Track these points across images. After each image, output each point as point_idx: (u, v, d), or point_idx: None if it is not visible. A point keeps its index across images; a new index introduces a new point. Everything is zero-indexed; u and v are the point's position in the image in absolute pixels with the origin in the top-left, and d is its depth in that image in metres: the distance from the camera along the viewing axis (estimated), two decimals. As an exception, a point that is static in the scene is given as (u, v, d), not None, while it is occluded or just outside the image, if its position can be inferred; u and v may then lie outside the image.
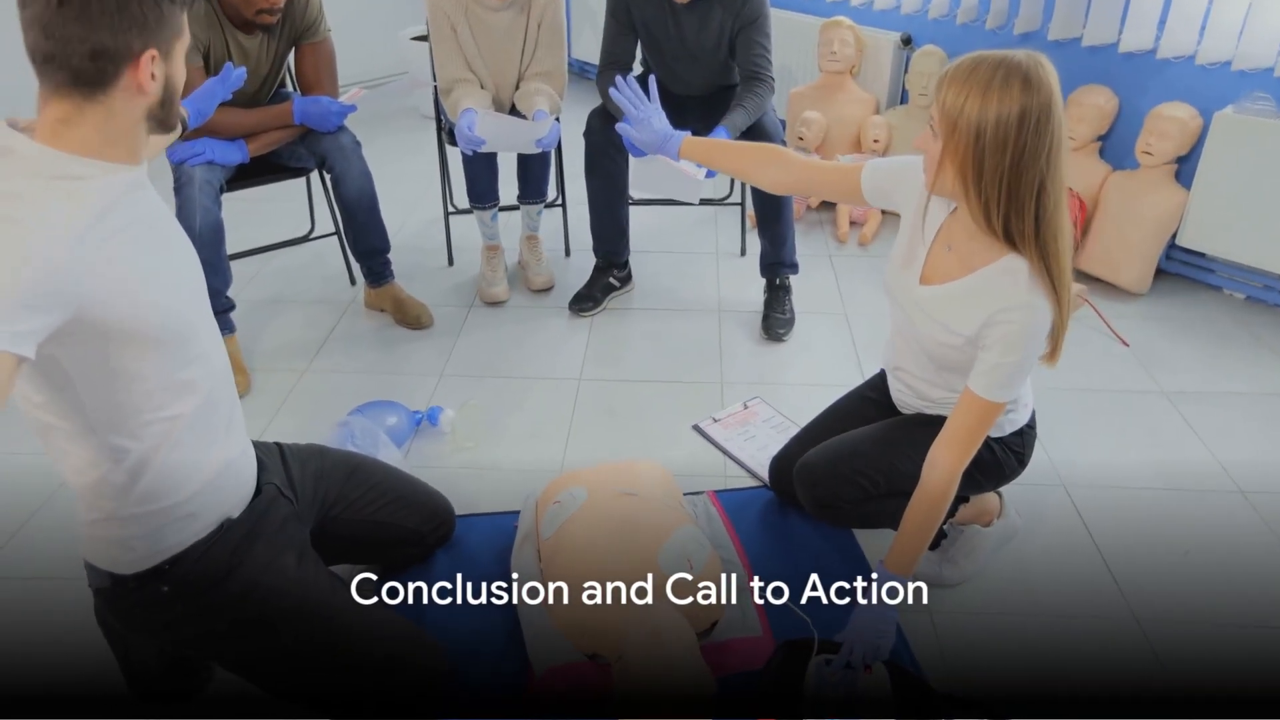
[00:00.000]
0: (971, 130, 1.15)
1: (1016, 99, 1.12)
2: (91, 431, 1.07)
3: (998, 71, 1.13)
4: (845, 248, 2.95)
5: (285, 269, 2.82)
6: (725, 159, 1.63)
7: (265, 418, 2.12)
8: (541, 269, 2.70)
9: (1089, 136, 2.65)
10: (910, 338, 1.46)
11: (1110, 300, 2.62)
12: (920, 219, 1.39)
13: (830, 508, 1.55)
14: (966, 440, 1.30)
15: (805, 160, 1.57)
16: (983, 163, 1.16)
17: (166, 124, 1.05)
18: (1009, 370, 1.26)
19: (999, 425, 1.50)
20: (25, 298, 0.88)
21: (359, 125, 2.36)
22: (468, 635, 1.50)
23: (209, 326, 1.19)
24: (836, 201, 1.76)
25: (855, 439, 1.57)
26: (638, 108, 1.68)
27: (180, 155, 2.04)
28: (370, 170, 2.32)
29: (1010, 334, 1.25)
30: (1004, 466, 1.52)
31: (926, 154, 1.24)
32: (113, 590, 1.18)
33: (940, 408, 1.51)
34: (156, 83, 0.99)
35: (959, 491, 1.51)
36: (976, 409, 1.29)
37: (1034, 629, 1.55)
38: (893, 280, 1.46)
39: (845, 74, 3.08)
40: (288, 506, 1.34)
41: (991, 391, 1.27)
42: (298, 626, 1.22)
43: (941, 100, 1.18)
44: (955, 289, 1.32)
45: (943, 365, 1.43)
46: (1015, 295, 1.24)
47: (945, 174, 1.22)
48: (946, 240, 1.36)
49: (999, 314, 1.25)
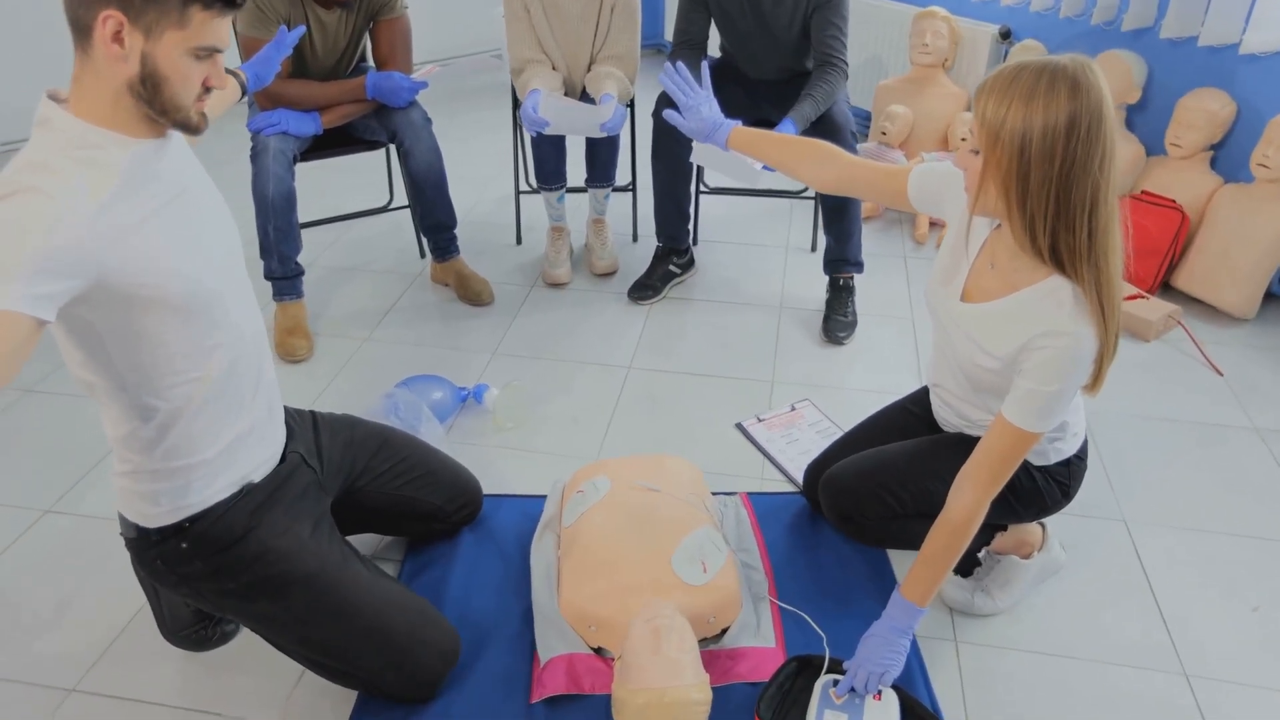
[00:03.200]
0: (1015, 142, 1.07)
1: (1064, 105, 1.04)
2: (123, 390, 1.12)
3: (1041, 77, 1.05)
4: (922, 250, 2.83)
5: (362, 238, 2.90)
6: (771, 151, 1.57)
7: (324, 381, 2.19)
8: (606, 253, 2.69)
9: (1199, 145, 2.45)
10: (949, 355, 1.39)
11: (1209, 324, 2.43)
12: (964, 232, 1.31)
13: (852, 521, 1.49)
14: (996, 469, 1.22)
15: (852, 158, 1.50)
16: (1029, 177, 1.08)
17: (160, 110, 1.04)
18: (1046, 399, 1.18)
19: (1043, 453, 1.41)
20: (46, 264, 0.93)
21: (445, 101, 2.41)
22: (483, 615, 1.52)
23: (239, 297, 1.23)
24: (882, 204, 1.69)
25: (888, 454, 1.51)
26: (687, 94, 1.63)
27: (257, 124, 2.12)
28: (440, 146, 2.35)
29: (1049, 361, 1.17)
30: (1045, 496, 1.43)
31: (967, 172, 1.16)
32: (138, 541, 1.25)
33: (980, 429, 1.43)
34: (129, 54, 0.99)
35: (993, 519, 1.43)
36: (1009, 437, 1.21)
37: (1069, 674, 1.46)
38: (933, 294, 1.38)
39: (937, 67, 2.93)
40: (310, 475, 1.38)
41: (1026, 420, 1.19)
42: (306, 593, 1.26)
43: (981, 112, 1.10)
44: (995, 309, 1.24)
45: (979, 386, 1.35)
46: (1058, 321, 1.15)
47: (988, 192, 1.14)
48: (990, 257, 1.28)
49: (1039, 339, 1.17)
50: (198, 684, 1.42)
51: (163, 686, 1.41)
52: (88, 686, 1.41)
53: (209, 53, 1.03)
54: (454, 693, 1.38)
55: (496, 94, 4.28)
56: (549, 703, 1.37)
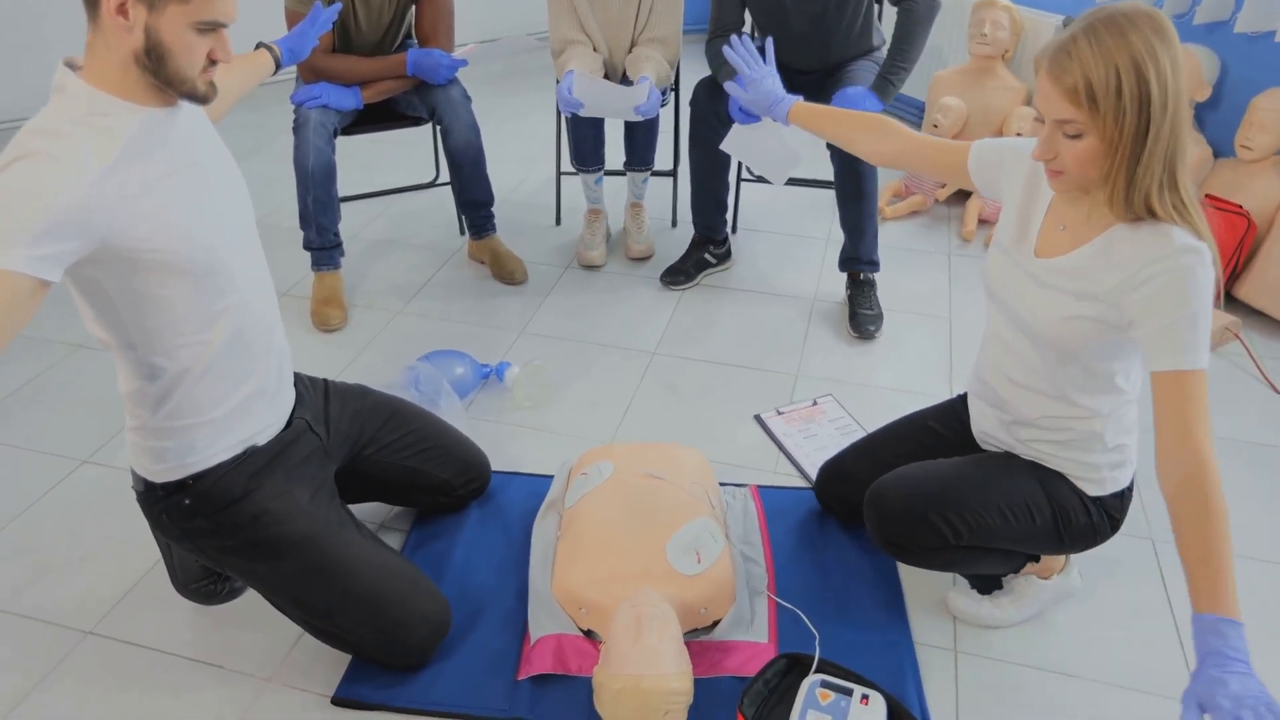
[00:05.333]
0: (1137, 94, 1.03)
1: (1154, 39, 1.03)
2: (131, 347, 1.17)
3: (1111, 26, 1.03)
4: (968, 248, 2.74)
5: (405, 212, 2.95)
6: (830, 126, 1.58)
7: (354, 351, 2.24)
8: (642, 238, 2.68)
9: (1270, 148, 2.31)
10: (1017, 333, 1.30)
11: (1270, 339, 2.29)
12: (1029, 200, 1.27)
13: (900, 548, 1.39)
14: (1195, 420, 1.06)
15: (912, 132, 1.48)
16: (1144, 131, 1.05)
17: (166, 81, 1.07)
18: (1187, 325, 1.07)
19: (1101, 482, 1.33)
20: (50, 227, 0.97)
21: (502, 79, 2.40)
22: (481, 589, 1.54)
23: (248, 267, 1.26)
24: (938, 178, 1.65)
25: (943, 478, 1.38)
26: (751, 67, 1.67)
27: (299, 98, 2.17)
28: (480, 125, 2.37)
29: (1170, 286, 1.08)
30: (1097, 532, 1.36)
31: (1066, 158, 1.11)
32: (145, 495, 1.30)
33: (1027, 446, 1.36)
34: (134, 26, 1.02)
35: (1040, 551, 1.40)
36: (1183, 388, 1.07)
37: (1072, 694, 1.40)
38: (999, 261, 1.31)
39: (996, 59, 2.82)
40: (315, 442, 1.42)
41: (1181, 358, 1.07)
42: (299, 555, 1.30)
43: (1071, 86, 1.05)
44: (1079, 255, 1.18)
45: (1064, 355, 1.24)
46: (1165, 246, 1.08)
47: (1094, 167, 1.10)
48: (1058, 219, 1.23)
49: (1146, 267, 1.10)
50: (204, 636, 1.48)
51: (172, 636, 1.47)
52: (104, 630, 1.48)
53: (212, 27, 1.05)
54: (443, 663, 1.41)
55: (550, 75, 4.30)
56: (535, 681, 1.38)
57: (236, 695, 1.38)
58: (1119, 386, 1.27)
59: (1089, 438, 1.30)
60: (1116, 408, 1.29)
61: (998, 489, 1.34)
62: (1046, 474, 1.35)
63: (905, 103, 3.52)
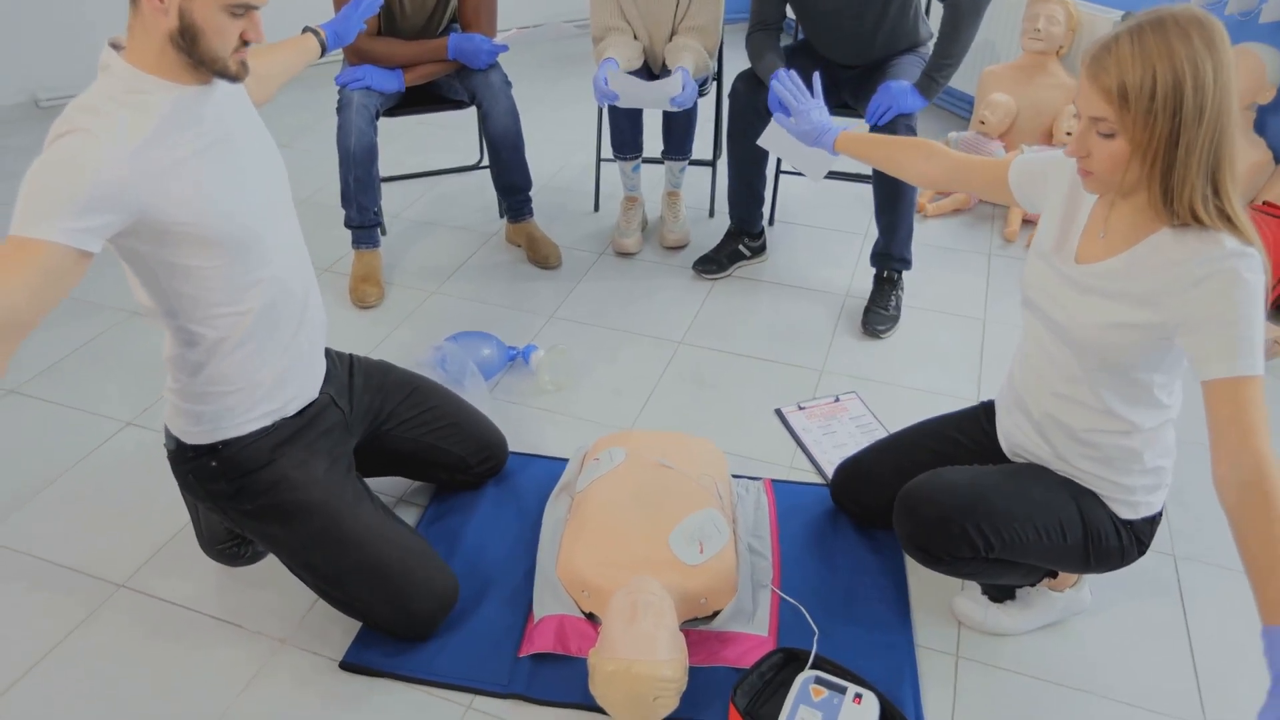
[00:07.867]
0: (1169, 101, 1.01)
1: (1200, 46, 1.00)
2: (172, 314, 1.23)
3: (1157, 29, 1.01)
4: (1010, 248, 2.68)
5: (448, 194, 3.00)
6: (877, 154, 1.61)
7: (387, 329, 2.30)
8: (677, 227, 2.68)
9: (1335, 156, 2.21)
10: (1058, 343, 1.27)
11: (1322, 355, 2.20)
12: (1071, 207, 1.26)
13: (928, 554, 1.35)
14: (1254, 426, 1.02)
15: (953, 152, 1.51)
16: (1174, 139, 1.03)
17: (199, 60, 1.11)
18: (1240, 329, 1.04)
19: (1134, 505, 1.31)
20: (90, 200, 1.03)
21: (550, 65, 2.41)
22: (491, 566, 1.58)
23: (283, 241, 1.31)
24: (984, 198, 1.66)
25: (979, 488, 1.33)
26: (799, 100, 1.72)
27: (344, 79, 2.22)
28: (518, 110, 2.40)
29: (1220, 289, 1.05)
30: (1125, 555, 1.34)
31: (1097, 158, 1.09)
32: (176, 454, 1.36)
33: (1065, 462, 1.33)
34: (169, 8, 1.07)
35: (1062, 568, 1.38)
36: (1239, 394, 1.03)
37: (1072, 708, 1.38)
38: (1037, 269, 1.29)
39: (1050, 55, 2.74)
40: (338, 415, 1.47)
41: (1236, 364, 1.04)
42: (311, 521, 1.35)
43: (1106, 85, 1.03)
44: (1121, 260, 1.16)
45: (1104, 361, 1.21)
46: (1214, 249, 1.06)
47: (1123, 170, 1.08)
48: (1099, 226, 1.21)
49: (1195, 270, 1.07)
50: (227, 595, 1.54)
51: (197, 594, 1.55)
52: (135, 584, 1.56)
53: (244, 9, 1.10)
54: (449, 636, 1.45)
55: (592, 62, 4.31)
56: (535, 659, 1.42)
57: (253, 654, 1.44)
58: (1160, 400, 1.24)
59: (1128, 457, 1.28)
60: (1158, 425, 1.26)
61: (1034, 504, 1.31)
62: (1081, 492, 1.33)
63: (955, 97, 3.44)
